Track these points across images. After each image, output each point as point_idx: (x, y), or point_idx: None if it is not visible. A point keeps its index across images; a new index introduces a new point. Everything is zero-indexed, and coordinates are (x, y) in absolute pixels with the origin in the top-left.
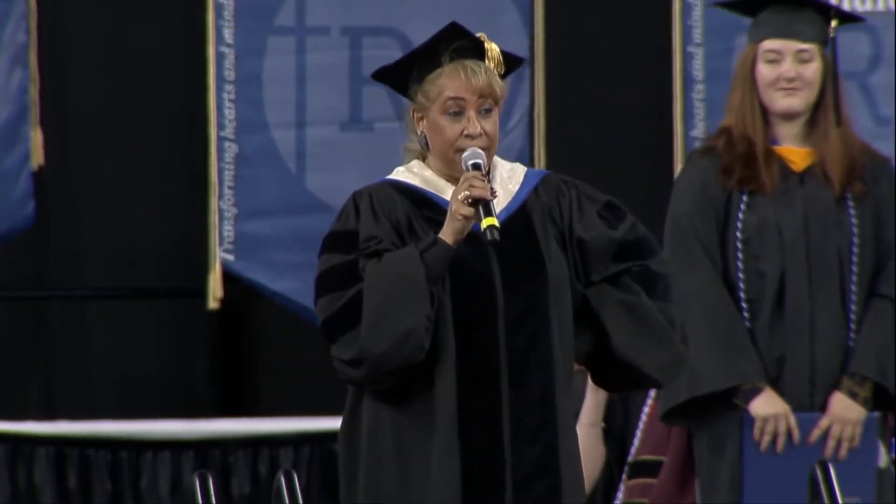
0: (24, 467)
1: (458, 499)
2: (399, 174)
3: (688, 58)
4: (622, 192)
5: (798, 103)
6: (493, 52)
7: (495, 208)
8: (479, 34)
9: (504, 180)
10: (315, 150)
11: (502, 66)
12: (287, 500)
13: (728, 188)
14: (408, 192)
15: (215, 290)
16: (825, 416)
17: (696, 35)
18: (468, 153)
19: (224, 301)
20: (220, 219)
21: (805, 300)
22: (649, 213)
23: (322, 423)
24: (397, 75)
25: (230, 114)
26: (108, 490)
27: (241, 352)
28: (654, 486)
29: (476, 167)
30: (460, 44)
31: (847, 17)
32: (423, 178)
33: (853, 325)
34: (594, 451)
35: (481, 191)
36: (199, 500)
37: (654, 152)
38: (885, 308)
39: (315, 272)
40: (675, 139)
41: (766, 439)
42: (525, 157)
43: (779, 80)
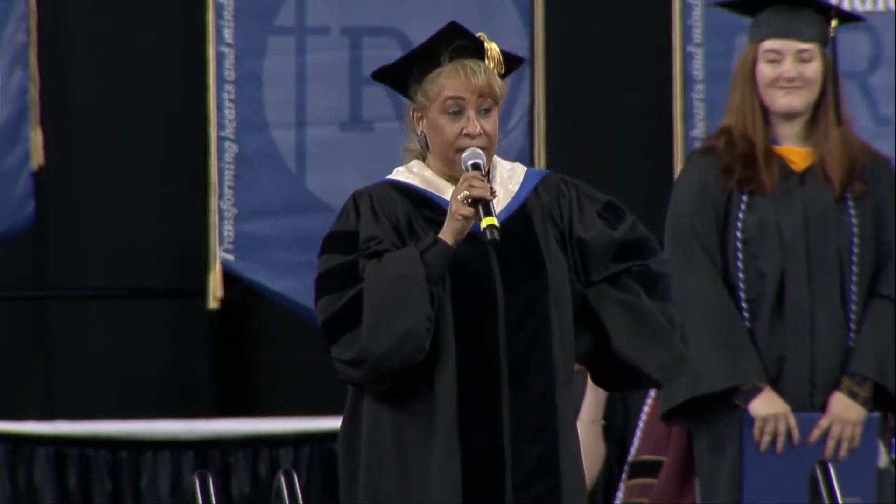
0: (24, 467)
1: (458, 499)
2: (399, 174)
3: (688, 58)
4: (622, 192)
5: (799, 102)
6: (492, 52)
7: (495, 208)
8: (479, 34)
9: (504, 180)
10: (315, 150)
11: (502, 66)
12: (287, 500)
13: (728, 188)
14: (408, 193)
15: (215, 290)
16: (825, 416)
17: (696, 35)
18: (468, 153)
19: (224, 301)
20: (220, 219)
21: (805, 300)
22: (649, 213)
23: (322, 423)
24: (397, 75)
25: (230, 114)
26: (108, 490)
27: (241, 352)
28: (654, 486)
29: (476, 167)
30: (460, 43)
31: (847, 17)
32: (423, 178)
33: (853, 325)
34: (594, 449)
35: (481, 191)
36: (199, 500)
37: (654, 152)
38: (885, 308)
39: (315, 272)
40: (675, 139)
41: (765, 439)
42: (525, 157)
43: (779, 80)
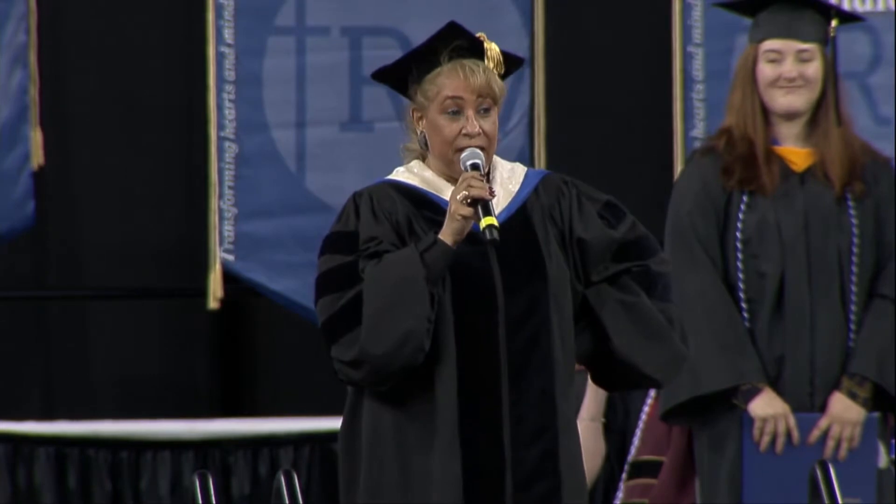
0: (24, 467)
1: (459, 500)
2: (399, 174)
3: (688, 58)
4: (622, 193)
5: (800, 102)
6: (492, 52)
7: (494, 208)
8: (479, 34)
9: (504, 180)
10: (315, 150)
11: (502, 66)
12: (287, 500)
13: (729, 188)
14: (408, 193)
15: (215, 290)
16: (825, 417)
17: (696, 35)
18: (467, 153)
19: (224, 301)
20: (220, 219)
21: (805, 300)
22: (649, 213)
23: (322, 423)
24: (397, 75)
25: (230, 114)
26: (108, 490)
27: (241, 352)
28: (653, 487)
29: (475, 167)
30: (459, 43)
31: (847, 17)
32: (422, 178)
33: (853, 326)
34: (594, 447)
35: (480, 191)
36: (199, 500)
37: (654, 152)
38: (886, 308)
39: (315, 272)
40: (675, 139)
41: (765, 440)
42: (525, 157)
43: (780, 80)
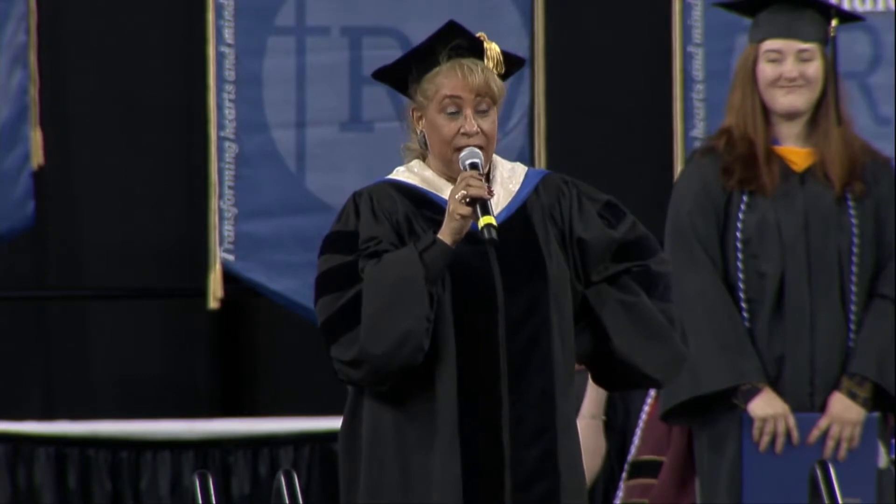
0: (24, 467)
1: (458, 500)
2: (399, 174)
3: (688, 58)
4: (622, 192)
5: (800, 102)
6: (491, 52)
7: (493, 207)
8: (479, 34)
9: (504, 180)
10: (315, 150)
11: (502, 66)
12: (287, 500)
13: (729, 188)
14: (408, 192)
15: (215, 290)
16: (824, 417)
17: (696, 35)
18: (465, 153)
19: (224, 301)
20: (220, 219)
21: (805, 300)
22: (649, 212)
23: (322, 423)
24: (397, 74)
25: (230, 114)
26: (108, 490)
27: (241, 352)
28: (653, 487)
29: (473, 166)
30: (458, 42)
31: (847, 17)
32: (422, 177)
33: (853, 326)
34: (595, 445)
35: (478, 190)
36: (199, 500)
37: (654, 152)
38: (886, 308)
39: (315, 272)
40: (675, 139)
41: (765, 440)
42: (525, 157)
43: (780, 80)
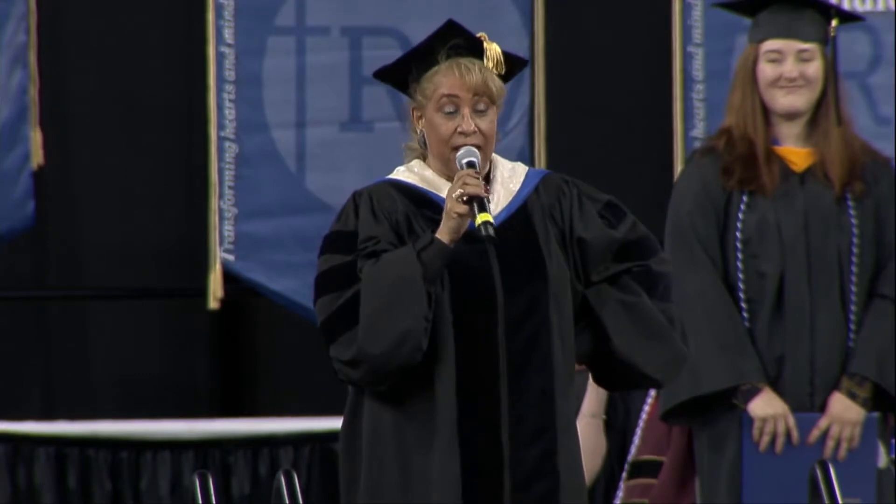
0: (24, 467)
1: (458, 499)
2: (399, 174)
3: (688, 58)
4: (622, 193)
5: (800, 102)
6: (491, 52)
7: (489, 205)
8: (481, 34)
9: (505, 180)
10: (315, 150)
11: (502, 67)
12: (287, 500)
13: (729, 188)
14: (407, 192)
15: (215, 290)
16: (824, 417)
17: (696, 35)
18: (462, 151)
19: (224, 301)
20: (220, 219)
21: (805, 300)
22: (649, 212)
23: (322, 423)
24: (398, 74)
25: (230, 114)
26: (108, 490)
27: (241, 352)
28: (654, 487)
29: (470, 165)
30: (457, 42)
31: (847, 17)
32: (422, 177)
33: (853, 326)
34: (595, 443)
35: (475, 188)
36: (199, 500)
37: (654, 152)
38: (886, 308)
39: (315, 272)
40: (675, 139)
41: (765, 440)
42: (525, 157)
43: (780, 80)
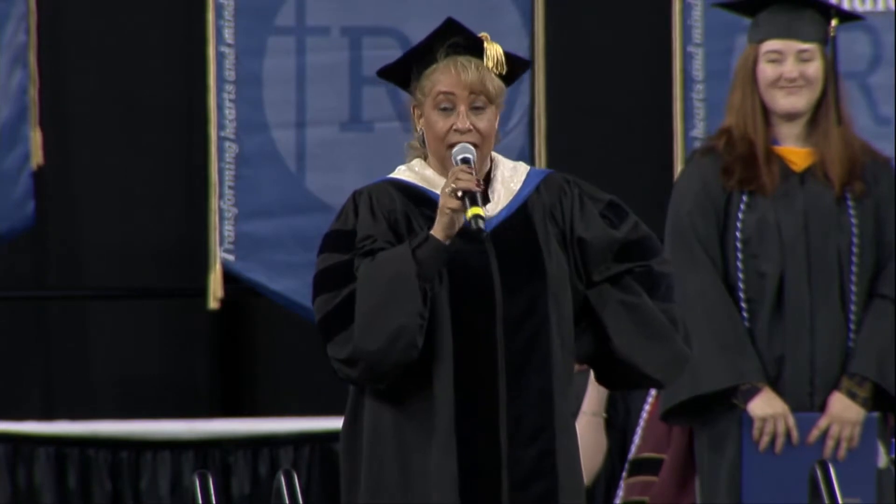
0: (24, 467)
1: (455, 499)
2: (400, 173)
3: (688, 58)
4: (622, 193)
5: (801, 103)
6: (491, 52)
7: (487, 202)
8: (483, 34)
9: (506, 179)
10: (315, 150)
11: (503, 67)
12: (287, 500)
13: (729, 188)
14: (407, 191)
15: (215, 290)
16: (824, 416)
17: (696, 35)
18: (457, 148)
19: (224, 301)
20: (220, 219)
21: (805, 300)
22: (649, 212)
23: (322, 423)
24: (399, 72)
25: (230, 114)
26: (108, 490)
27: (241, 352)
28: (654, 484)
29: (465, 161)
30: (456, 40)
31: (847, 17)
32: (422, 176)
33: (853, 326)
34: (596, 441)
35: (466, 182)
36: (199, 500)
37: (654, 152)
38: (886, 308)
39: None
40: (675, 139)
41: (764, 439)
42: (525, 157)
43: (781, 80)
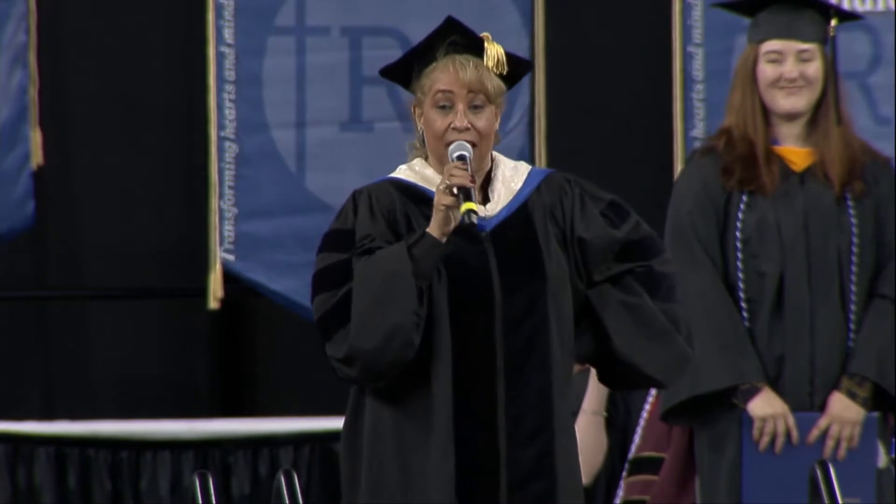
0: (24, 467)
1: (451, 499)
2: (400, 172)
3: (688, 58)
4: (622, 193)
5: (801, 103)
6: (491, 51)
7: (476, 194)
8: (484, 34)
9: (506, 179)
10: (315, 150)
11: (503, 67)
12: (287, 500)
13: (728, 188)
14: (406, 190)
15: (215, 290)
16: (824, 416)
17: (696, 35)
18: (454, 146)
19: (224, 301)
20: (220, 219)
21: (805, 300)
22: (649, 212)
23: (322, 423)
24: (401, 71)
25: (230, 114)
26: (108, 490)
27: (241, 352)
28: (654, 484)
29: (460, 158)
30: (456, 39)
31: (847, 17)
32: (422, 175)
33: (853, 326)
34: (596, 440)
35: (460, 178)
36: (199, 500)
37: (654, 152)
38: (886, 308)
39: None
40: (675, 139)
41: (764, 439)
42: (525, 157)
43: (781, 80)
